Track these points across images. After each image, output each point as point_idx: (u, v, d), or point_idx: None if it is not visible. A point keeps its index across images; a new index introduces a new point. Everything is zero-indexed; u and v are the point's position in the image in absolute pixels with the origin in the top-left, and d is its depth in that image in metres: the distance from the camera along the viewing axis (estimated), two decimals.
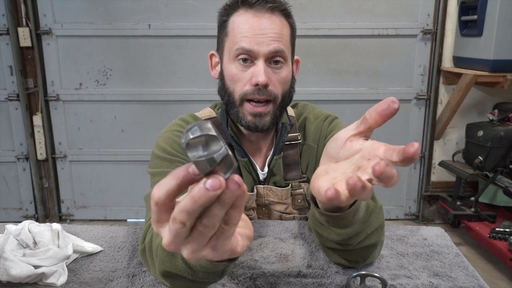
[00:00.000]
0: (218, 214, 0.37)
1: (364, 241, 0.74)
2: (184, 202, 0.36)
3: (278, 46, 0.87)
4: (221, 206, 0.37)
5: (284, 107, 0.95)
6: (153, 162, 0.91)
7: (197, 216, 0.37)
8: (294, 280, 0.78)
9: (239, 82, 0.90)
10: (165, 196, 0.38)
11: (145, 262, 0.73)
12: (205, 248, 0.41)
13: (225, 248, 0.42)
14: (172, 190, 0.37)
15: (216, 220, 0.38)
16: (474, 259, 2.45)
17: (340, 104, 2.79)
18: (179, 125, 0.97)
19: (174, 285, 0.67)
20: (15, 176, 2.91)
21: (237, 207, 0.39)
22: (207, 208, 0.37)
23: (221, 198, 0.36)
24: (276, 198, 1.00)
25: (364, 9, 2.68)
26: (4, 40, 2.68)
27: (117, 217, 2.99)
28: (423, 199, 2.95)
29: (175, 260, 0.62)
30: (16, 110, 2.78)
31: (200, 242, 0.40)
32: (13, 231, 0.87)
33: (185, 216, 0.37)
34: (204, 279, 0.62)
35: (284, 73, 0.90)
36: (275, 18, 0.88)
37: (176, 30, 2.69)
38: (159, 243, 0.64)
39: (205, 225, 0.38)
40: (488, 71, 2.38)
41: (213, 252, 0.41)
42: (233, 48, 0.88)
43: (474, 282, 0.78)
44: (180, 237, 0.39)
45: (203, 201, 0.35)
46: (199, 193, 0.35)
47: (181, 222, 0.37)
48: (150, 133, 2.83)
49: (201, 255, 0.41)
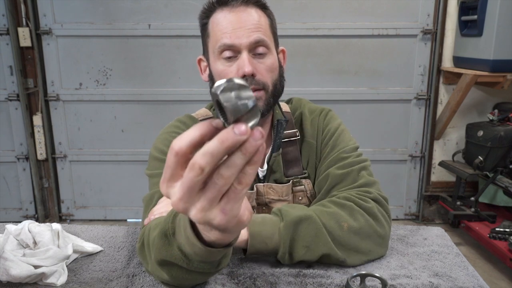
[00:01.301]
0: (238, 164, 0.38)
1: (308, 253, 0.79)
2: (208, 144, 0.36)
3: (259, 36, 0.89)
4: (242, 155, 0.37)
5: (277, 95, 0.96)
6: (151, 164, 0.91)
7: (217, 162, 0.37)
8: (294, 280, 0.78)
9: (227, 77, 0.90)
10: (187, 146, 0.38)
11: (143, 259, 0.73)
12: (215, 208, 0.40)
13: (234, 212, 0.41)
14: (195, 140, 0.38)
15: (234, 171, 0.38)
16: (474, 259, 2.45)
17: (340, 104, 2.79)
18: (176, 126, 0.98)
19: (170, 275, 0.66)
20: (15, 176, 2.90)
21: (254, 164, 0.39)
22: (227, 158, 0.37)
23: (244, 146, 0.37)
24: (277, 196, 1.00)
25: (364, 9, 2.68)
26: (4, 40, 2.68)
27: (117, 217, 2.99)
28: (423, 199, 2.95)
29: (171, 249, 0.62)
30: (16, 110, 2.78)
31: (212, 198, 0.39)
32: (13, 231, 0.87)
33: (207, 159, 0.37)
34: (199, 269, 0.62)
35: (270, 61, 0.92)
36: (250, 10, 0.90)
37: (176, 30, 2.69)
38: (156, 234, 0.64)
39: (222, 176, 0.38)
40: (488, 71, 2.38)
41: (221, 215, 0.40)
42: (215, 46, 0.91)
43: (474, 282, 0.78)
44: (193, 190, 0.38)
45: (229, 143, 0.36)
46: (227, 135, 0.36)
47: (200, 167, 0.37)
48: (150, 133, 2.82)
49: (210, 216, 0.40)
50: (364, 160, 0.96)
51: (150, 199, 0.82)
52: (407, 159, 2.90)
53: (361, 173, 0.92)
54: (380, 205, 0.87)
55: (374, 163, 2.86)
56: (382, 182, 0.97)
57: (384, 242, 0.87)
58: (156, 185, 0.85)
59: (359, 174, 0.92)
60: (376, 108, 2.82)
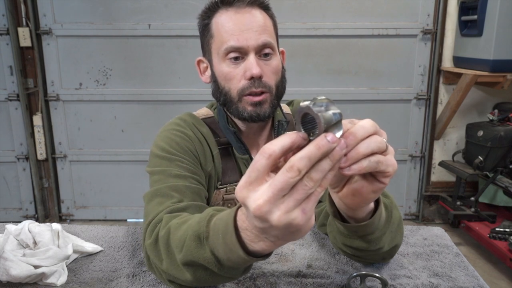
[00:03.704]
0: (326, 169, 0.43)
1: (392, 240, 0.76)
2: (306, 149, 0.42)
3: (266, 39, 0.89)
4: (330, 161, 0.43)
5: (280, 97, 0.96)
6: (152, 161, 0.91)
7: (311, 166, 0.42)
8: (294, 280, 0.78)
9: (233, 79, 0.91)
10: (280, 150, 0.43)
11: (156, 256, 0.72)
12: (296, 209, 0.43)
13: (310, 214, 0.45)
14: (286, 146, 0.43)
15: (321, 176, 0.43)
16: (474, 259, 2.45)
17: (340, 104, 2.68)
18: (177, 124, 0.97)
19: (194, 276, 0.67)
20: (15, 176, 2.91)
21: (334, 169, 0.44)
22: (316, 163, 0.42)
23: (332, 153, 0.42)
24: None
25: (364, 9, 2.68)
26: (4, 40, 2.68)
27: (117, 217, 2.99)
28: (423, 199, 2.95)
29: (204, 252, 0.62)
30: (16, 110, 2.78)
31: (299, 199, 0.43)
32: (13, 231, 0.87)
33: (305, 162, 0.41)
34: (227, 274, 0.63)
35: (275, 63, 0.92)
36: (255, 12, 0.90)
37: (176, 30, 2.69)
38: (189, 235, 0.64)
39: (312, 178, 0.42)
40: (488, 71, 2.38)
41: (302, 215, 0.44)
42: (221, 48, 0.89)
43: (474, 282, 0.78)
44: (283, 191, 0.42)
45: (324, 149, 0.42)
46: (322, 142, 0.42)
47: (298, 169, 0.41)
48: (150, 133, 2.82)
49: (291, 216, 0.43)
50: None
51: (151, 197, 0.82)
52: (407, 159, 2.90)
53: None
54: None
55: None
56: None
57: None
58: (158, 182, 0.85)
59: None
60: (376, 108, 2.82)
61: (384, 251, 0.76)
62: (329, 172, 0.43)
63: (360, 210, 0.63)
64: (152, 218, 0.77)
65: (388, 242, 0.75)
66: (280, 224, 0.44)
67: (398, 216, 0.76)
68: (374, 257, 0.81)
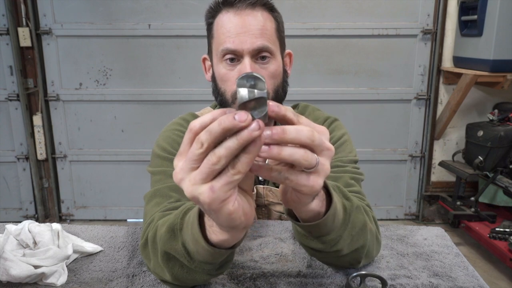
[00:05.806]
0: (231, 148, 0.41)
1: (352, 244, 0.71)
2: (211, 124, 0.41)
3: (262, 43, 0.87)
4: (236, 141, 0.41)
5: (279, 101, 0.94)
6: (154, 161, 0.91)
7: (214, 141, 0.41)
8: (294, 280, 0.78)
9: (228, 81, 0.90)
10: (199, 125, 0.43)
11: (146, 256, 0.73)
12: (204, 184, 0.43)
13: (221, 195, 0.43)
14: (206, 121, 0.43)
15: (226, 153, 0.41)
16: (474, 259, 2.45)
17: (340, 104, 2.80)
18: (179, 124, 0.97)
19: (171, 273, 0.67)
20: (15, 176, 2.91)
21: (249, 153, 0.42)
22: (224, 140, 0.41)
23: (240, 133, 0.41)
24: (276, 199, 1.00)
25: (364, 9, 2.68)
26: (4, 40, 2.68)
27: (117, 217, 2.99)
28: (423, 199, 2.95)
29: (176, 243, 0.62)
30: (16, 110, 2.78)
31: (204, 172, 0.42)
32: (13, 231, 0.87)
33: (206, 136, 0.41)
34: (200, 269, 0.62)
35: (272, 67, 0.90)
36: (256, 13, 0.88)
37: (176, 30, 2.69)
38: (165, 228, 0.65)
39: (215, 153, 0.41)
40: (488, 71, 2.38)
41: (209, 192, 0.43)
42: (219, 49, 0.89)
43: (474, 282, 0.78)
44: (192, 162, 0.43)
45: (225, 125, 0.40)
46: (226, 118, 0.40)
47: (201, 142, 0.41)
48: (150, 133, 2.82)
49: (198, 190, 0.43)
50: (360, 173, 0.91)
51: (150, 197, 0.82)
52: (407, 159, 2.90)
53: (352, 181, 0.87)
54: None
55: (374, 163, 2.88)
56: (382, 182, 0.96)
57: (372, 257, 0.83)
58: (158, 183, 0.85)
59: (350, 182, 0.87)
60: (376, 108, 2.82)
61: (344, 254, 0.71)
62: (242, 154, 0.42)
63: (299, 210, 0.59)
64: (148, 219, 0.77)
65: (347, 246, 0.70)
66: (189, 195, 0.44)
67: (361, 219, 0.71)
68: (335, 260, 0.76)
